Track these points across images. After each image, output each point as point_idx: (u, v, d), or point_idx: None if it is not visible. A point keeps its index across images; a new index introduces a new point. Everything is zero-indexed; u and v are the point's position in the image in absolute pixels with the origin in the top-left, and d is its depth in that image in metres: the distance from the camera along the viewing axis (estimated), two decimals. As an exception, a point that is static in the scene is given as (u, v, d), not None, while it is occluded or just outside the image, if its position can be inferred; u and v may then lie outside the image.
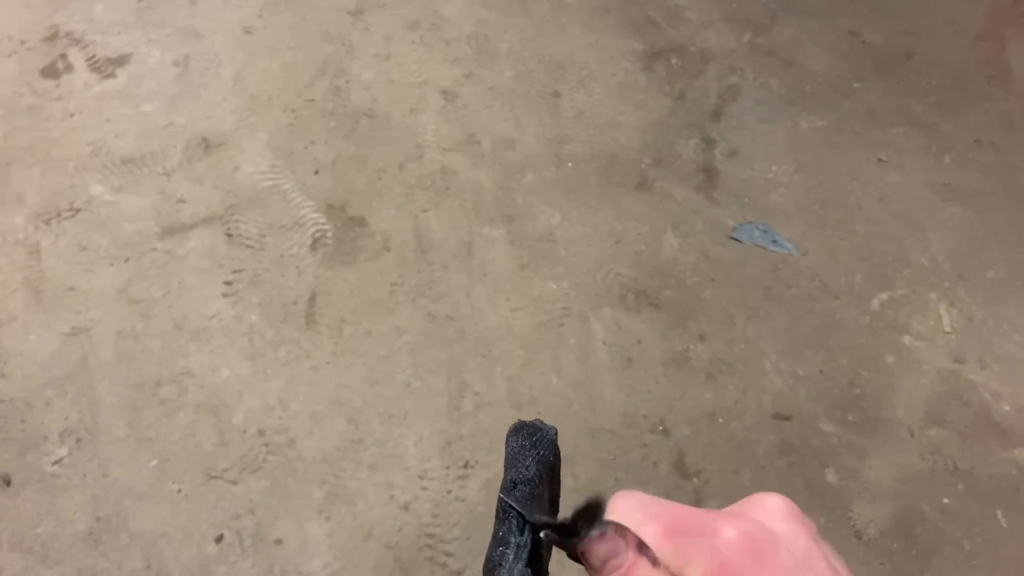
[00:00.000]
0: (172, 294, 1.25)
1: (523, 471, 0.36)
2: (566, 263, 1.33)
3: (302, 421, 1.12)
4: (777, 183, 1.47)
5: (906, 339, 1.29)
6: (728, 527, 0.29)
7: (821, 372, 1.25)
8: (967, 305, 1.34)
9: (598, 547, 0.30)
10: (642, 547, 0.29)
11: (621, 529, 0.29)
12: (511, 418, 1.17)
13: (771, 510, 0.31)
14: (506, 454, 0.37)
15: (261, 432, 1.11)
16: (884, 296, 1.34)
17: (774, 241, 1.39)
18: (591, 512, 0.33)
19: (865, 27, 1.72)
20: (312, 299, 1.25)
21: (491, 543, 0.33)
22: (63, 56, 1.53)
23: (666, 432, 1.17)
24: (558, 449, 0.37)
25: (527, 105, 1.54)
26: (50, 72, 1.51)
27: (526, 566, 0.32)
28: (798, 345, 1.27)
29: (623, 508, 0.31)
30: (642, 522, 0.30)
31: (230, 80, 1.52)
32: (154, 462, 1.10)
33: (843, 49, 1.68)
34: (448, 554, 1.03)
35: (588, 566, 0.30)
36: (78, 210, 1.33)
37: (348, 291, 1.26)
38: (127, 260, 1.28)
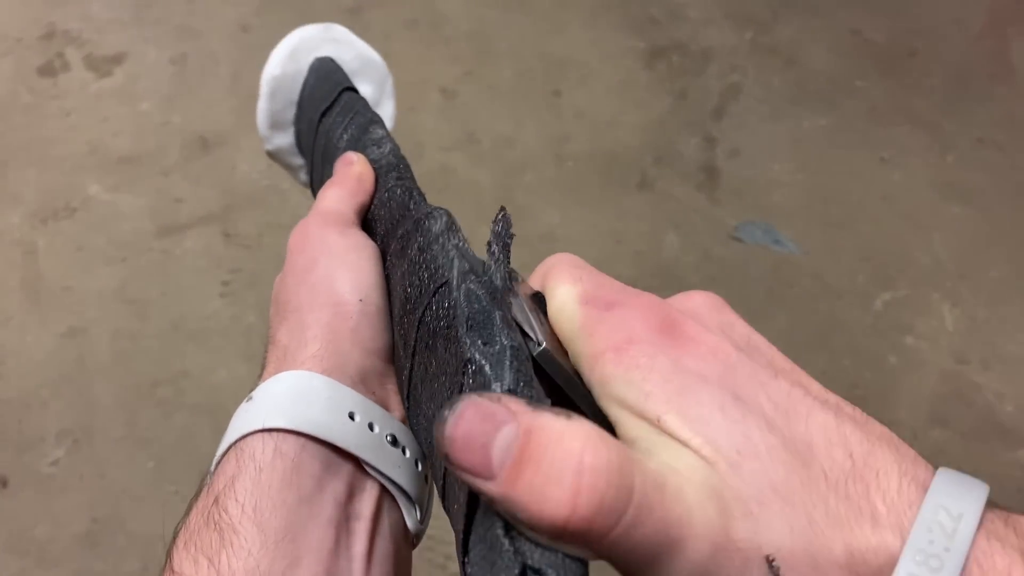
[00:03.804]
0: (169, 294, 1.24)
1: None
2: (566, 263, 1.32)
3: (300, 422, 1.11)
4: (779, 182, 1.46)
5: (909, 339, 1.29)
6: (643, 306, 0.24)
7: (824, 373, 1.24)
8: (970, 305, 1.33)
9: (468, 426, 0.18)
10: (537, 405, 0.19)
11: (476, 401, 0.18)
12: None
13: (698, 303, 0.26)
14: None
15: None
16: (887, 296, 1.33)
17: (776, 241, 1.38)
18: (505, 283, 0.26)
19: (867, 25, 1.71)
20: (311, 299, 1.24)
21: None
22: (60, 54, 1.53)
23: (667, 433, 1.16)
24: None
25: (527, 103, 1.54)
26: (47, 70, 1.50)
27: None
28: (800, 345, 1.26)
29: (555, 263, 0.27)
30: (561, 281, 0.26)
31: (228, 78, 1.51)
32: (151, 463, 1.09)
33: (845, 47, 1.67)
34: (448, 556, 1.02)
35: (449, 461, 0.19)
36: (75, 209, 1.33)
37: (347, 291, 1.25)
38: (124, 260, 1.28)
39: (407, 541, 0.32)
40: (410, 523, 0.31)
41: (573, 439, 0.18)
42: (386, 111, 0.54)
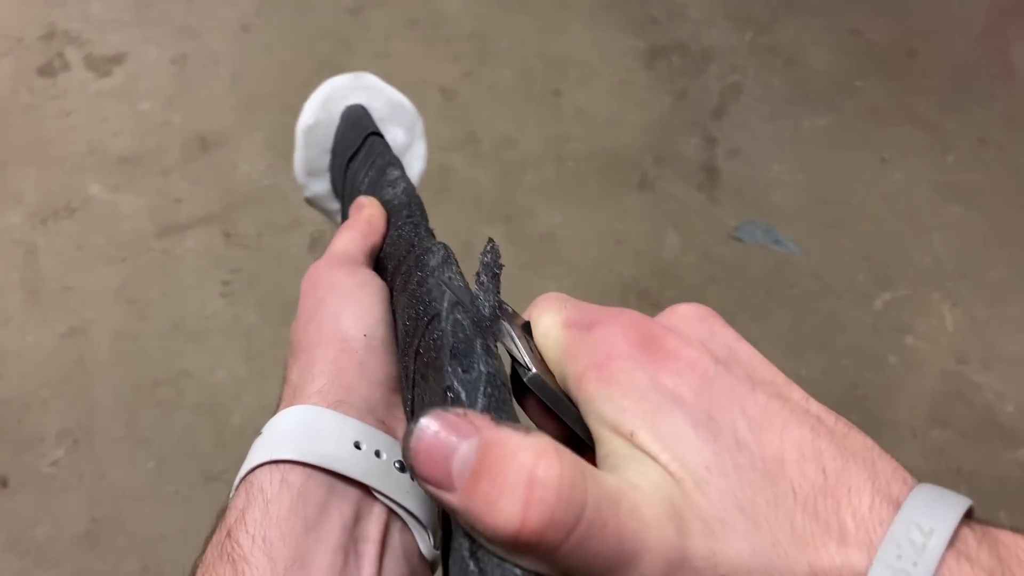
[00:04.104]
0: (169, 294, 1.24)
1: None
2: (567, 263, 1.32)
3: (300, 422, 1.11)
4: (779, 182, 1.46)
5: (909, 339, 1.29)
6: (624, 322, 0.24)
7: (824, 373, 1.24)
8: (970, 305, 1.33)
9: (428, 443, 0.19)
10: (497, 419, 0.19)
11: (441, 414, 0.19)
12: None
13: (682, 315, 0.25)
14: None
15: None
16: (887, 296, 1.33)
17: (776, 241, 1.38)
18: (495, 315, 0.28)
19: (868, 25, 1.71)
20: (311, 299, 1.24)
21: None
22: (60, 54, 1.53)
23: (667, 433, 1.16)
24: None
25: (527, 103, 1.54)
26: (47, 70, 1.50)
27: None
28: (800, 346, 1.27)
29: (541, 301, 0.28)
30: (545, 310, 0.26)
31: (228, 78, 1.51)
32: (151, 463, 1.09)
33: (845, 47, 1.67)
34: (448, 556, 1.02)
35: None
36: (75, 209, 1.33)
37: (347, 291, 1.26)
38: (124, 260, 1.28)
39: (424, 564, 0.32)
40: (423, 548, 0.32)
41: (528, 453, 0.18)
42: (418, 151, 0.56)
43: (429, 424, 0.19)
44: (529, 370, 0.25)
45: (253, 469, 0.29)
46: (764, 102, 1.58)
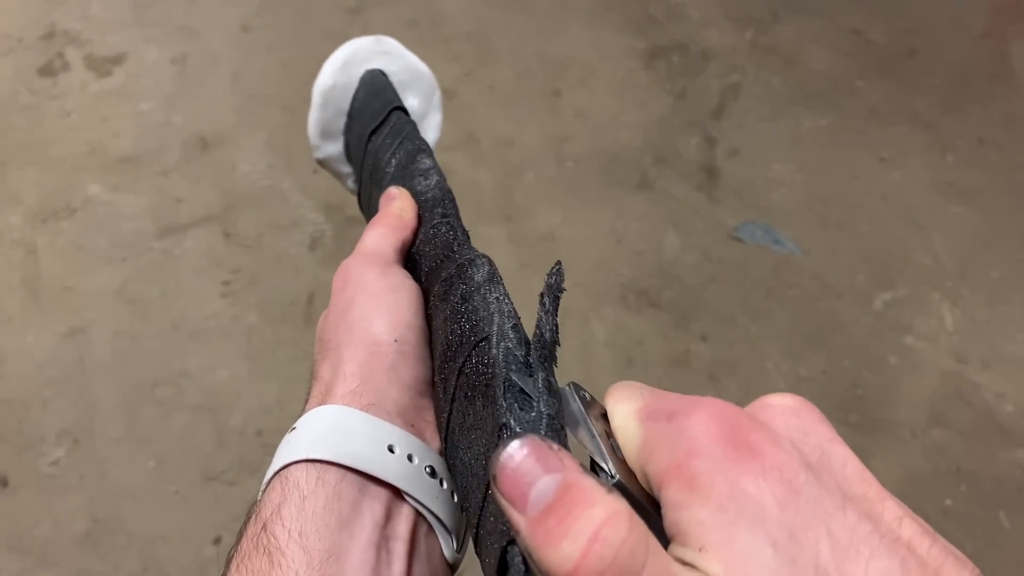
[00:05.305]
0: (169, 294, 1.24)
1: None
2: (567, 263, 1.32)
3: (300, 422, 1.11)
4: (779, 182, 1.46)
5: (909, 339, 1.29)
6: (706, 412, 0.22)
7: (824, 373, 1.24)
8: (970, 305, 1.33)
9: (513, 469, 0.19)
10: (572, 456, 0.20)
11: (537, 443, 0.19)
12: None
13: (773, 407, 0.24)
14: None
15: (259, 433, 1.10)
16: (887, 296, 1.34)
17: (776, 241, 1.38)
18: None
19: (868, 25, 1.71)
20: (310, 299, 1.24)
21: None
22: (60, 54, 1.53)
23: (667, 433, 1.16)
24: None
25: (527, 104, 1.54)
26: (47, 71, 1.50)
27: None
28: (800, 346, 1.27)
29: (616, 389, 0.26)
30: (620, 399, 0.25)
31: (228, 78, 1.51)
32: (151, 463, 1.09)
33: (845, 47, 1.67)
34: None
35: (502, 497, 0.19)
36: (75, 209, 1.33)
37: (347, 291, 1.26)
38: (124, 260, 1.28)
39: (446, 567, 0.33)
40: (447, 552, 0.32)
41: (603, 509, 0.18)
42: (433, 122, 0.55)
43: (522, 448, 0.19)
44: (613, 477, 0.23)
45: (288, 465, 0.30)
46: (764, 102, 1.58)
